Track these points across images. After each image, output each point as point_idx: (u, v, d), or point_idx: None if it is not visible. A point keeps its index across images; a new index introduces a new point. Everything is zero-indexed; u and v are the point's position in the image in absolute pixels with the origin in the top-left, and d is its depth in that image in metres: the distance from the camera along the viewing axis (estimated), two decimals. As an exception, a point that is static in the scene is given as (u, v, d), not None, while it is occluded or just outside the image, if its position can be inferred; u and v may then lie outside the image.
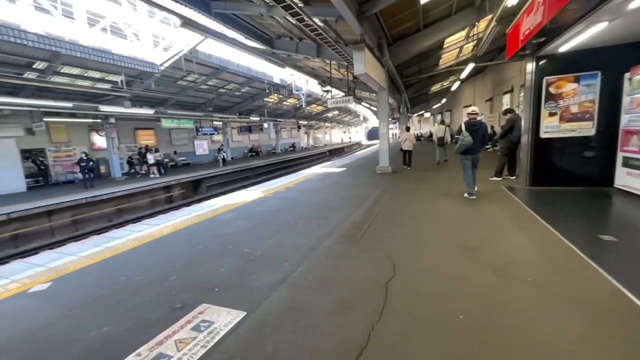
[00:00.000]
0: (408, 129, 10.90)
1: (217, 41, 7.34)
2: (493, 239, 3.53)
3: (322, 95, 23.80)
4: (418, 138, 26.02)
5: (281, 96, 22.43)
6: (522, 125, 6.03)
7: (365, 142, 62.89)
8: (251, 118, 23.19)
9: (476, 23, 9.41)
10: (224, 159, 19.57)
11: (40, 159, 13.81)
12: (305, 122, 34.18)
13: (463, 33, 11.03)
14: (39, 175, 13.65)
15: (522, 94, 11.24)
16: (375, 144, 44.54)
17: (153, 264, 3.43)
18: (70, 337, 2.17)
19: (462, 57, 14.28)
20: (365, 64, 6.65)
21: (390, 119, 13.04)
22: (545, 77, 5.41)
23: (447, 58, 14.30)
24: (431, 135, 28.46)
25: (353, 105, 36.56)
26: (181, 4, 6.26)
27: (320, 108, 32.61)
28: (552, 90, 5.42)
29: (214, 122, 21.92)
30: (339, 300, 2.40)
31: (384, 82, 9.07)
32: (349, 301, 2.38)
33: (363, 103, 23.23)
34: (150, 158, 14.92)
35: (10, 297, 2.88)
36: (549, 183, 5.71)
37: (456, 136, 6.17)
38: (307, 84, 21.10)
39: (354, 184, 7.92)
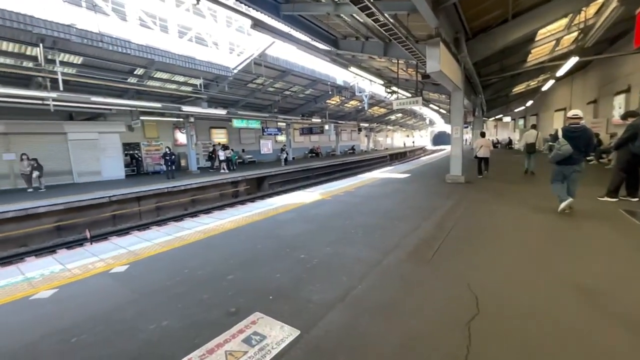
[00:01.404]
0: (483, 134, 9.65)
1: (284, 42, 7.46)
2: (615, 277, 2.69)
3: (385, 97, 22.98)
4: (494, 145, 23.23)
5: (343, 98, 22.32)
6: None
7: (430, 147, 59.17)
8: (313, 120, 23.61)
9: (584, 8, 7.81)
10: (285, 159, 20.29)
11: (136, 151, 16.16)
12: (366, 125, 33.52)
13: (563, 22, 9.30)
14: (134, 166, 15.96)
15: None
16: (441, 150, 41.50)
17: (214, 258, 3.49)
18: (135, 325, 2.23)
19: (559, 51, 12.13)
20: (440, 61, 5.98)
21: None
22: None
23: (538, 53, 12.30)
24: (510, 142, 25.23)
25: (419, 108, 34.61)
26: (253, 8, 6.50)
27: (382, 110, 31.63)
28: None
29: (278, 123, 22.94)
30: (407, 334, 2.01)
31: (460, 82, 8.13)
32: (420, 338, 1.97)
33: (431, 105, 21.66)
34: (221, 155, 16.21)
35: (96, 275, 3.19)
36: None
37: (550, 143, 5.14)
38: (371, 85, 20.53)
39: (420, 193, 7.24)
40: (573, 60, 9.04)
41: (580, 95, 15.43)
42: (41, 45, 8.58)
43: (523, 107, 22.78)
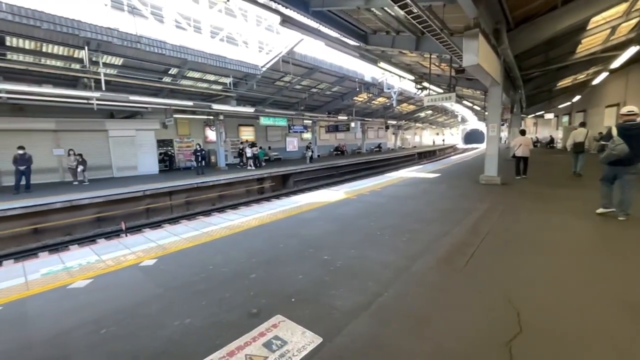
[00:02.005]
0: (523, 132, 8.94)
1: (313, 38, 7.37)
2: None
3: (415, 93, 22.20)
4: (534, 144, 21.60)
5: (371, 95, 21.86)
6: None
7: (461, 145, 56.58)
8: (339, 117, 23.39)
9: (649, -10, 6.93)
10: (311, 156, 20.31)
11: (169, 148, 16.95)
12: (393, 122, 32.67)
13: (622, 7, 8.32)
14: (167, 161, 16.76)
15: None
16: (474, 148, 39.47)
17: (238, 256, 3.49)
18: (159, 321, 2.25)
19: (614, 40, 10.93)
20: (478, 54, 5.57)
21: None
22: None
23: (589, 43, 11.16)
24: (552, 140, 23.38)
25: (450, 105, 33.11)
26: (282, 5, 6.46)
27: (411, 107, 30.64)
28: None
29: (305, 121, 22.99)
30: (439, 350, 1.84)
31: (499, 76, 7.57)
32: (453, 356, 1.79)
33: (464, 101, 20.59)
34: (248, 152, 16.54)
35: (127, 267, 3.31)
36: None
37: (602, 142, 4.61)
38: (400, 82, 19.91)
39: (451, 195, 6.84)
40: (632, 50, 8.12)
41: (637, 90, 13.84)
42: (86, 47, 9.19)
43: (569, 103, 20.93)
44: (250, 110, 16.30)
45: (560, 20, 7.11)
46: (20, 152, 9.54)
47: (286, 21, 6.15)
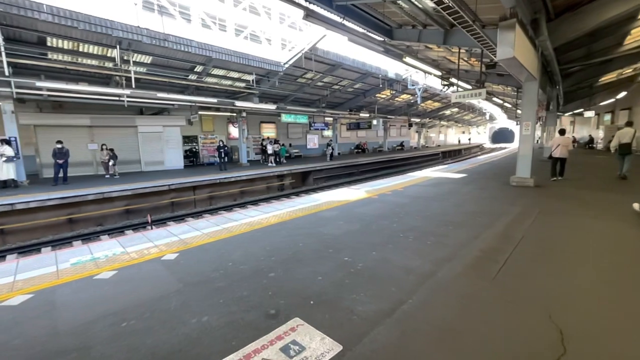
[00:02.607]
0: (563, 131, 8.29)
1: (336, 32, 7.20)
2: None
3: (441, 90, 21.40)
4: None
5: (394, 92, 21.33)
6: None
7: (488, 144, 54.17)
8: (361, 114, 23.06)
9: None
10: (331, 154, 20.18)
11: (194, 144, 17.46)
12: (417, 120, 31.75)
13: (681, -8, 7.47)
14: (192, 157, 17.27)
15: None
16: (502, 148, 37.61)
17: (257, 253, 3.45)
18: (178, 316, 2.25)
19: (669, 30, 9.87)
20: (514, 46, 5.19)
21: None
22: None
23: (639, 34, 10.17)
24: (591, 140, 21.78)
25: (477, 102, 31.67)
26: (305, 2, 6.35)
27: (436, 104, 29.66)
28: None
29: (326, 118, 22.88)
30: (470, 369, 1.68)
31: (535, 70, 7.05)
32: (487, 377, 1.62)
33: (494, 98, 19.57)
34: (270, 149, 16.69)
35: (150, 260, 3.37)
36: None
37: None
38: (425, 78, 19.26)
39: (479, 197, 6.47)
40: (693, 40, 7.24)
41: (696, 85, 12.47)
42: (118, 46, 9.59)
43: (612, 100, 19.29)
44: (272, 107, 16.41)
45: (608, 9, 6.49)
46: (59, 146, 10.15)
47: (310, 15, 6.04)
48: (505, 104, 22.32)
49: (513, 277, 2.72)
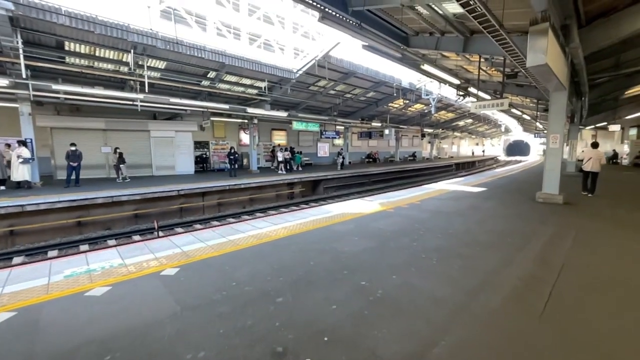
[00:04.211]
0: (596, 145, 7.77)
1: (352, 36, 6.98)
2: None
3: (456, 100, 20.95)
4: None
5: (407, 101, 20.98)
6: None
7: (503, 157, 52.91)
8: (373, 124, 22.75)
9: None
10: (342, 163, 19.86)
11: (205, 150, 17.45)
12: (430, 130, 31.21)
13: None
14: (202, 163, 17.24)
15: None
16: (517, 161, 36.51)
17: (264, 271, 3.13)
18: (172, 349, 1.93)
19: None
20: (547, 53, 4.81)
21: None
22: None
23: (673, 43, 9.59)
24: (615, 155, 20.82)
25: (491, 113, 30.91)
26: (319, 4, 6.13)
27: (450, 115, 29.12)
28: None
29: (337, 127, 22.65)
30: None
31: (565, 79, 6.61)
32: None
33: (512, 110, 18.97)
34: (280, 156, 16.49)
35: (148, 275, 3.09)
36: None
37: None
38: (440, 88, 18.87)
39: (504, 214, 5.99)
40: None
41: None
42: (132, 51, 9.64)
43: (639, 114, 18.44)
44: (283, 114, 16.29)
45: (646, 15, 6.05)
46: (72, 148, 10.18)
47: (325, 17, 5.84)
48: (524, 116, 21.64)
49: (564, 315, 2.31)
